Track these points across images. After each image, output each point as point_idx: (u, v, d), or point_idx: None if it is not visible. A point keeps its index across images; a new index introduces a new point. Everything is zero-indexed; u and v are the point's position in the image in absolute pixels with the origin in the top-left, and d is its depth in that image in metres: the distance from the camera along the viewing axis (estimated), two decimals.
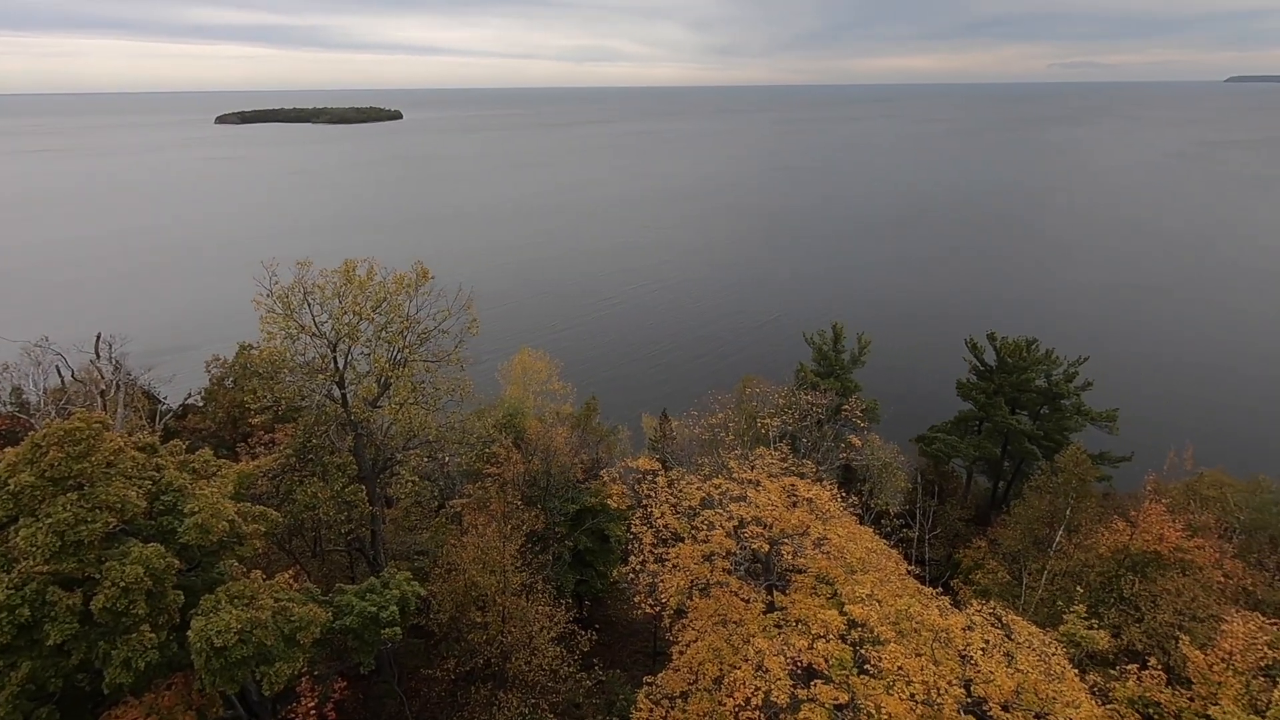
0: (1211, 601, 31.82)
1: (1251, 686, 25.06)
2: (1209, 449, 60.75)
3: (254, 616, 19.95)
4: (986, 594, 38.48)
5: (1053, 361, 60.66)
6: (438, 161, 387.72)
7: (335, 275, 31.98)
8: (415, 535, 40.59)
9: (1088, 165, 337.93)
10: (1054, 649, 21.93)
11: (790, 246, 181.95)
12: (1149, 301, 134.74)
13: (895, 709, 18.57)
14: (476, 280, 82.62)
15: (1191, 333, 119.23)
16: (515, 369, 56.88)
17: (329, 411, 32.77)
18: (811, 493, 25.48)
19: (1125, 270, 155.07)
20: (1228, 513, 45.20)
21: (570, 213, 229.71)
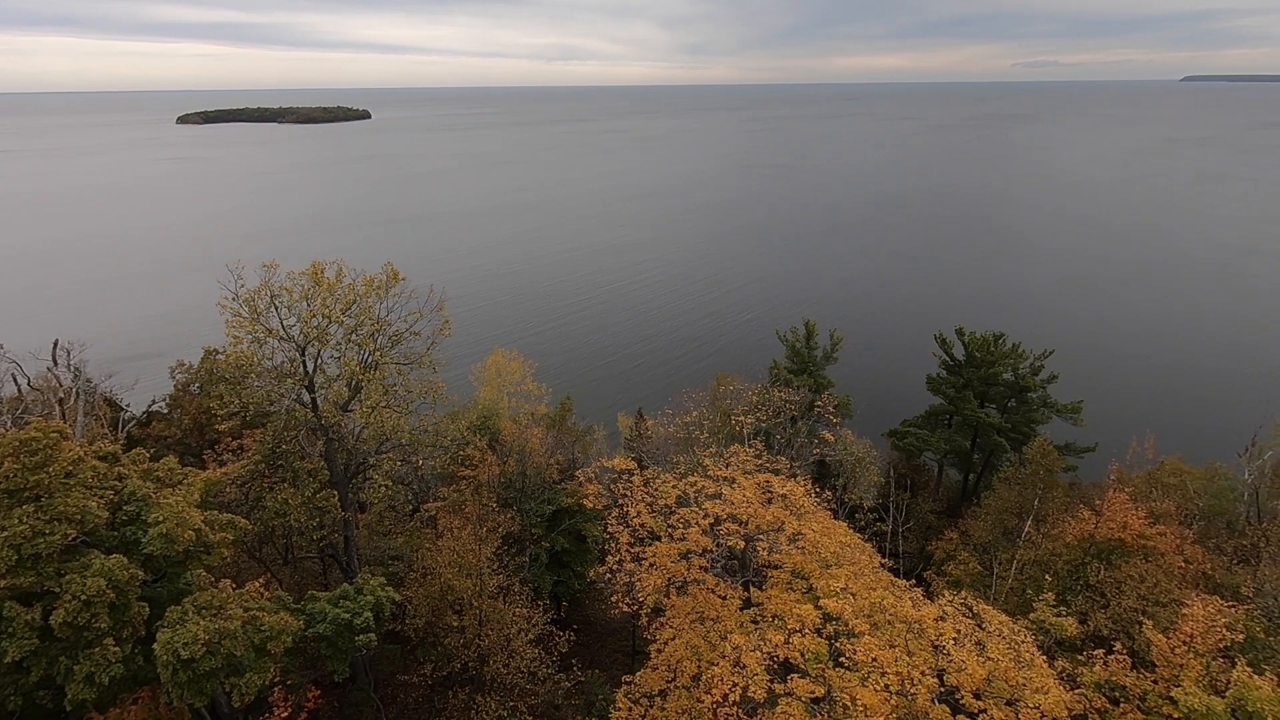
0: (1173, 586, 32.70)
1: (1211, 668, 25.84)
2: (1168, 438, 62.47)
3: (223, 627, 19.53)
4: (958, 585, 39.14)
5: (1019, 355, 61.88)
6: (407, 161, 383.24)
7: (303, 277, 31.40)
8: (389, 540, 40.10)
9: (1050, 162, 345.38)
10: (1023, 637, 22.38)
11: (763, 244, 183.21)
12: (1110, 295, 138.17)
13: (870, 700, 18.81)
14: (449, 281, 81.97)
15: (1150, 325, 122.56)
16: (489, 370, 56.46)
17: (299, 416, 32.21)
18: (786, 489, 25.68)
19: (1087, 264, 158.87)
20: (1187, 500, 46.52)
21: (543, 212, 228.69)
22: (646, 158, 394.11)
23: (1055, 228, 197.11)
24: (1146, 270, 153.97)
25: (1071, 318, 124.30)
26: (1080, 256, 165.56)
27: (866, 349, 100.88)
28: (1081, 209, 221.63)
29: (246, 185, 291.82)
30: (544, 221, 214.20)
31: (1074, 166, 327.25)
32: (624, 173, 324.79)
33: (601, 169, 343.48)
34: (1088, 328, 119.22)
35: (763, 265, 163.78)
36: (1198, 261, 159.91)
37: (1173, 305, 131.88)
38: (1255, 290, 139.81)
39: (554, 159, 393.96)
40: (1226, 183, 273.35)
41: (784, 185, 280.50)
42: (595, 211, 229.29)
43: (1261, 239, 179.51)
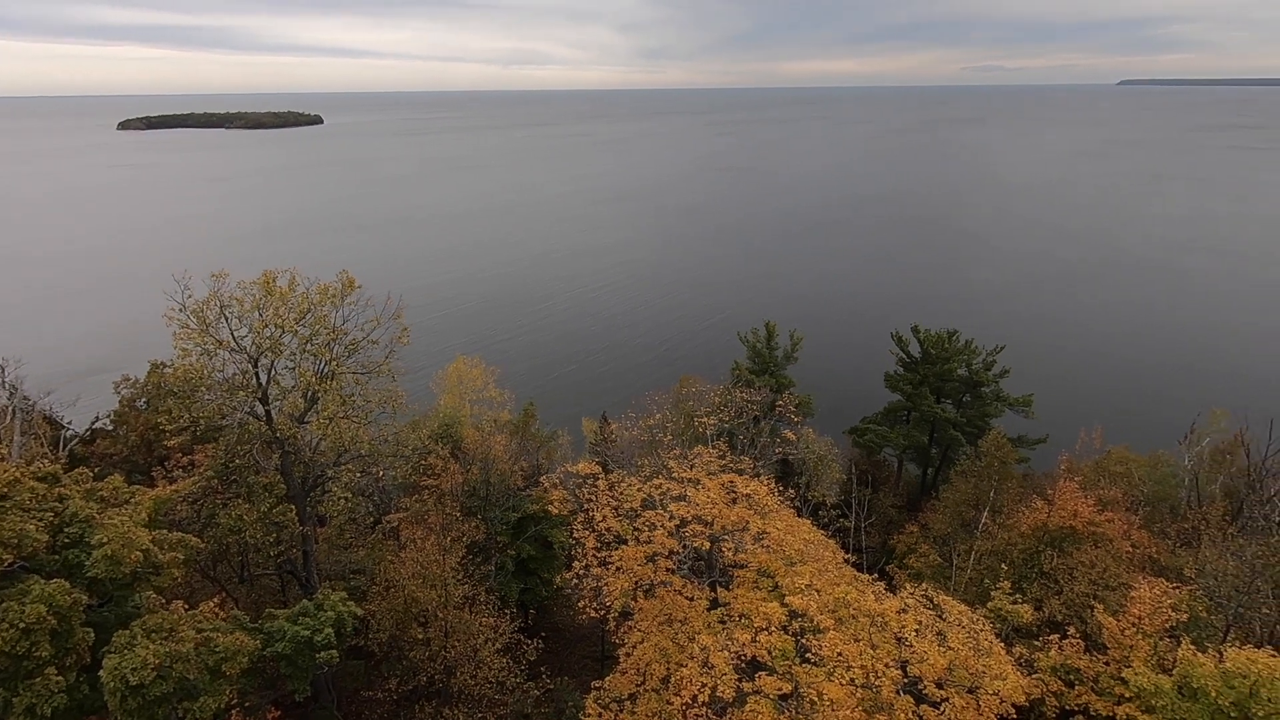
0: (1121, 570, 33.90)
1: (1159, 648, 26.90)
2: (1114, 428, 64.70)
3: (174, 650, 18.82)
4: (919, 577, 39.96)
5: (972, 351, 63.58)
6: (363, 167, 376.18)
7: (254, 287, 30.57)
8: (350, 554, 39.23)
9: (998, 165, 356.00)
10: (982, 625, 22.99)
11: (724, 247, 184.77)
12: (1057, 292, 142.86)
13: (836, 694, 19.09)
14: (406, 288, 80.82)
15: (1095, 320, 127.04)
16: (450, 378, 55.76)
17: (252, 430, 31.33)
18: (750, 488, 25.92)
19: (1035, 263, 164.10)
20: (1133, 487, 48.32)
21: (504, 218, 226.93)
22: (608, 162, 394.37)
23: (1004, 227, 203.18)
24: (1091, 268, 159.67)
25: (1021, 314, 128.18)
26: (1028, 255, 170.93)
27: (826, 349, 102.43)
28: (1028, 209, 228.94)
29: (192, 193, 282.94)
30: (505, 227, 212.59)
31: (1020, 168, 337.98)
32: (586, 177, 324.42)
33: (563, 173, 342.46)
34: (1036, 324, 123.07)
35: (724, 268, 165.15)
36: (1138, 259, 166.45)
37: (1116, 301, 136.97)
38: (1192, 286, 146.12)
39: (515, 164, 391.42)
40: (1163, 182, 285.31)
41: (744, 189, 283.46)
42: (557, 216, 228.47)
43: (1195, 237, 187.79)
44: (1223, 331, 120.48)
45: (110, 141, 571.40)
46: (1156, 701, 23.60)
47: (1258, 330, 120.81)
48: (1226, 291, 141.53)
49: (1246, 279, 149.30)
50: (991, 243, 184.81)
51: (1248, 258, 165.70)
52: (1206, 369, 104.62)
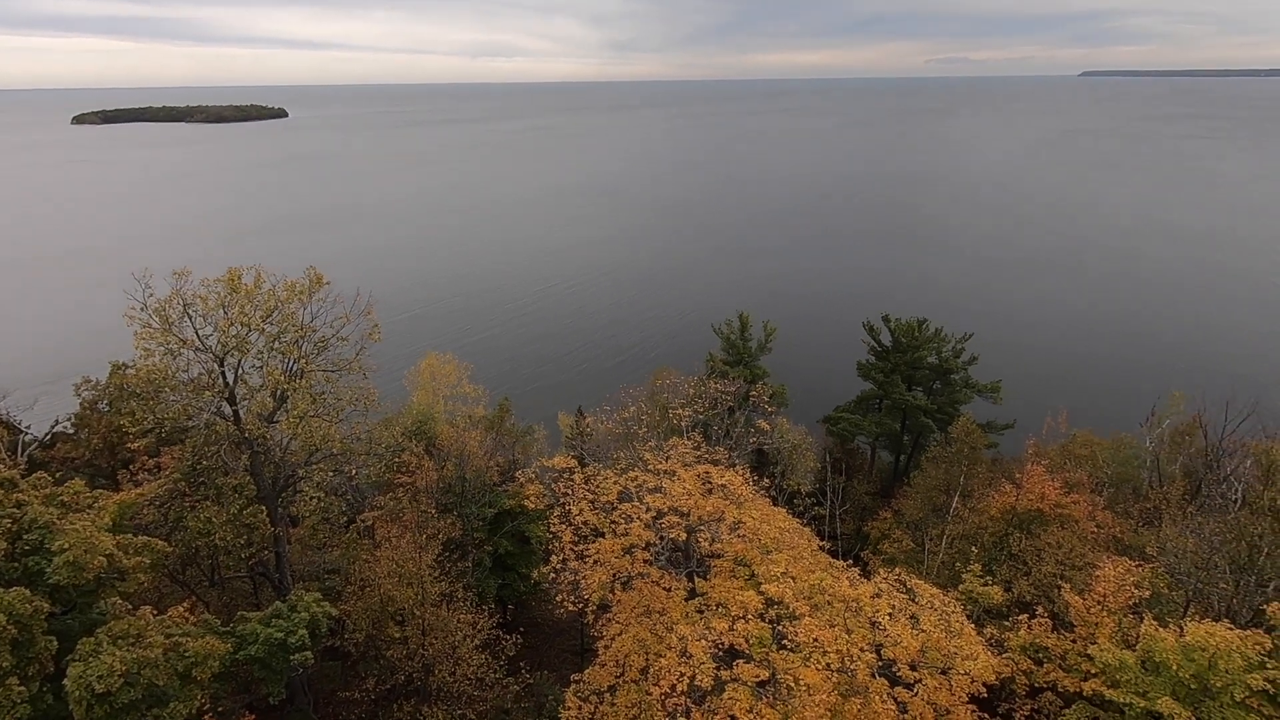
0: (1087, 550, 34.79)
1: (1123, 624, 27.70)
2: (1079, 412, 66.32)
3: (142, 656, 18.42)
4: (893, 562, 40.61)
5: (942, 339, 64.64)
6: (329, 161, 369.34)
7: (218, 284, 29.93)
8: (324, 554, 38.74)
9: (964, 155, 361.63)
10: (953, 608, 23.43)
11: (696, 240, 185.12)
12: (1022, 279, 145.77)
13: (813, 679, 19.34)
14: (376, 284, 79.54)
15: (1059, 307, 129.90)
16: (423, 374, 55.18)
17: (220, 430, 30.72)
18: (725, 479, 26.07)
19: (1001, 251, 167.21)
20: (1097, 469, 49.60)
21: (474, 211, 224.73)
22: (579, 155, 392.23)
23: (971, 217, 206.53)
24: (1054, 256, 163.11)
25: (988, 302, 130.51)
26: (994, 244, 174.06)
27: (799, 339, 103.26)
28: (994, 199, 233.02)
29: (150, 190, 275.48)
30: (477, 221, 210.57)
31: (986, 158, 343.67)
32: (557, 170, 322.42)
33: (534, 167, 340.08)
34: (1003, 311, 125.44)
35: (697, 260, 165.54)
36: (1098, 246, 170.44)
37: (1078, 288, 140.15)
38: (1151, 272, 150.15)
39: (485, 157, 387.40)
40: (1121, 171, 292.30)
41: (715, 181, 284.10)
42: (529, 210, 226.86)
43: (1153, 224, 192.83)
44: (1180, 316, 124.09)
45: (64, 138, 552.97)
46: (1121, 676, 24.32)
47: (1213, 314, 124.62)
48: (1182, 277, 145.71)
49: (1200, 264, 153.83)
50: (959, 232, 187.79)
51: (1200, 244, 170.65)
52: (1165, 353, 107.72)
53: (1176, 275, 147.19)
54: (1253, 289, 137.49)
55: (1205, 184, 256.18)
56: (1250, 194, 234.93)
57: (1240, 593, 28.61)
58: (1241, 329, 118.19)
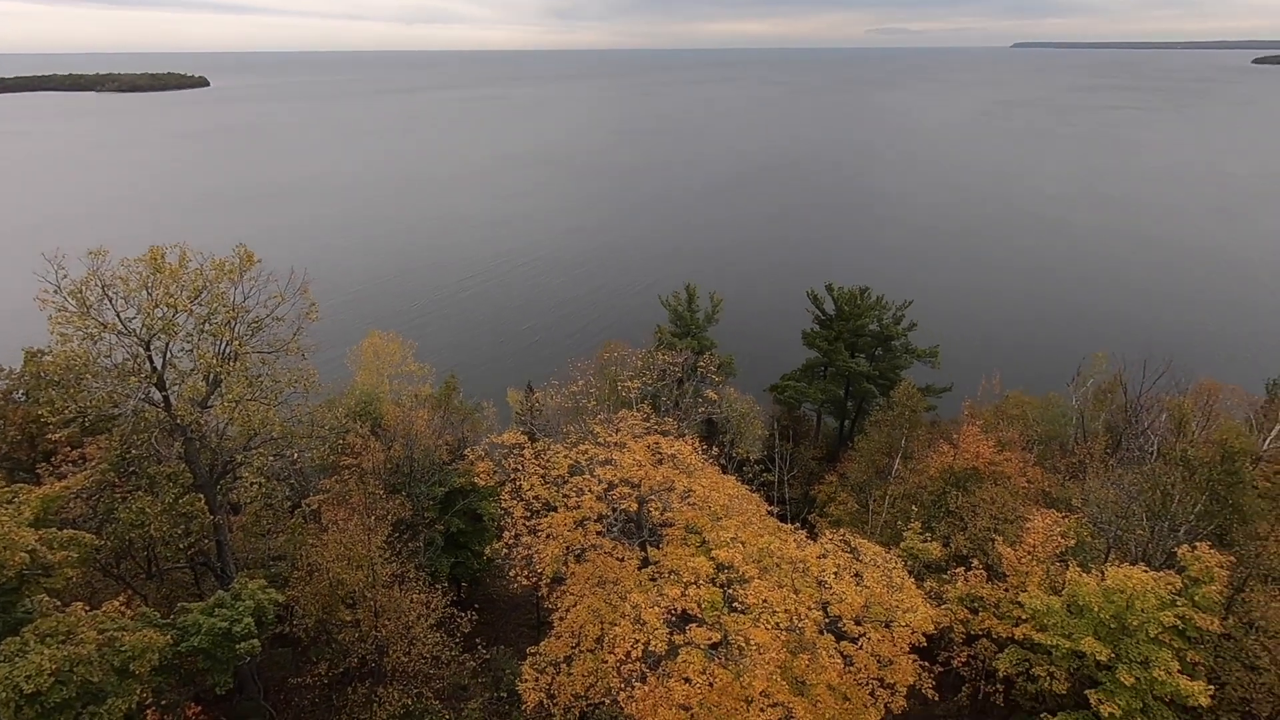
0: (1018, 505, 36.67)
1: (1050, 572, 29.40)
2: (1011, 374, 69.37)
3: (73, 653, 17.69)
4: (838, 523, 42.02)
5: (883, 307, 66.33)
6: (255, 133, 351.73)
7: (140, 264, 28.33)
8: (269, 540, 37.66)
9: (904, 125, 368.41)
10: (895, 564, 24.44)
11: (642, 211, 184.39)
12: (958, 247, 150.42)
13: (763, 639, 19.96)
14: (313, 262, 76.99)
15: (992, 273, 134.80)
16: (365, 353, 53.84)
17: (149, 417, 29.32)
18: (674, 449, 26.38)
19: (937, 219, 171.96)
20: (1028, 427, 52.10)
21: (413, 185, 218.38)
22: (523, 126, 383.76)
23: (910, 187, 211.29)
24: (988, 224, 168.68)
25: (926, 270, 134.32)
26: (932, 213, 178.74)
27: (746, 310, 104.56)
28: (932, 169, 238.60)
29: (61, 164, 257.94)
30: (417, 195, 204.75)
31: (925, 128, 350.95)
32: (500, 141, 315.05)
33: (476, 138, 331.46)
34: (940, 278, 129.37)
35: (643, 232, 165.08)
36: (1028, 213, 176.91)
37: (1009, 254, 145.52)
38: (1077, 238, 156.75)
39: (423, 129, 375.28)
40: (1051, 140, 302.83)
41: (660, 152, 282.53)
42: (471, 184, 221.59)
43: (1079, 192, 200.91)
44: (1103, 281, 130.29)
45: None
46: (1049, 620, 25.89)
47: (1133, 278, 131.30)
48: (1105, 243, 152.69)
49: (1122, 231, 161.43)
50: (898, 202, 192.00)
51: (1122, 211, 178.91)
52: (1091, 316, 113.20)
53: (1100, 241, 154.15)
54: (1168, 254, 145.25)
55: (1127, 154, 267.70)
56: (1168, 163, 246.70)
57: (1155, 538, 30.64)
58: (1157, 291, 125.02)
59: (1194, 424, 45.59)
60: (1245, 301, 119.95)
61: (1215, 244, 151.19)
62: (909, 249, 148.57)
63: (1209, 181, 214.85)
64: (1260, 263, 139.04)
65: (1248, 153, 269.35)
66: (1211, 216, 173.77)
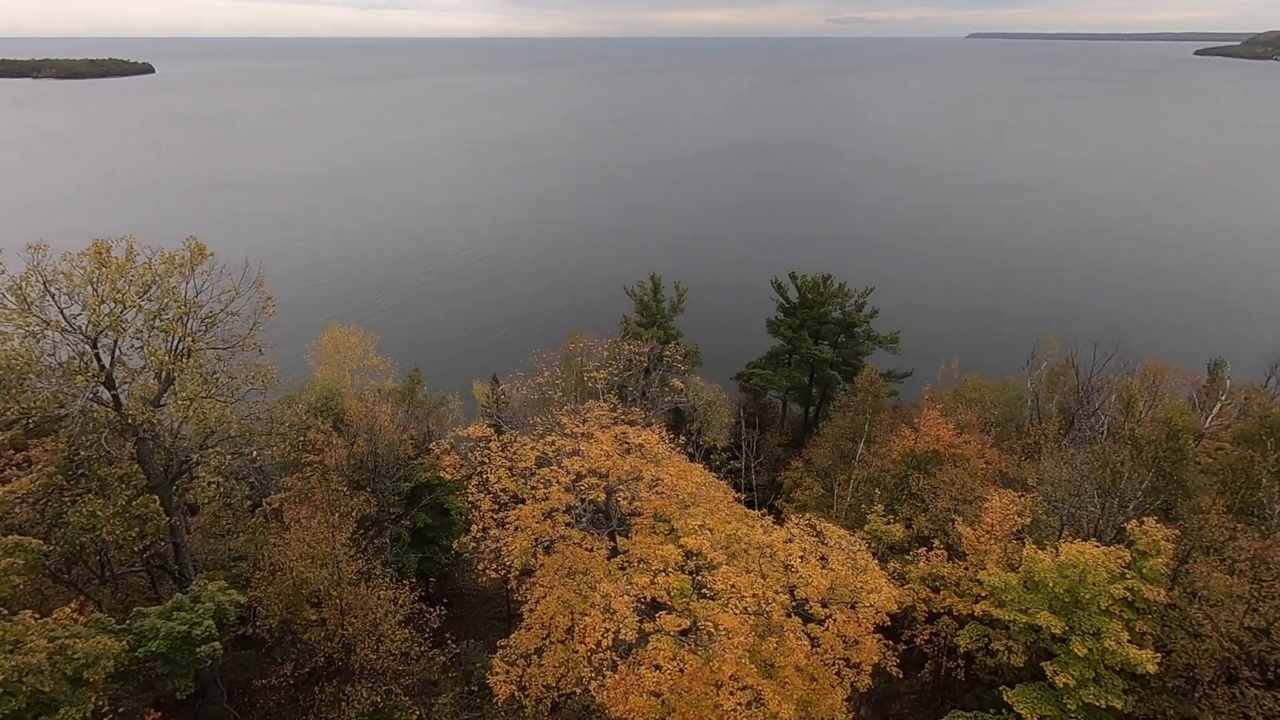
0: (977, 485, 37.68)
1: (1008, 550, 30.31)
2: (970, 358, 70.98)
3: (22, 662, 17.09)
4: (804, 508, 42.64)
5: (845, 294, 67.29)
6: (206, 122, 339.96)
7: (85, 259, 27.29)
8: (229, 540, 36.81)
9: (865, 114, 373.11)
10: (859, 547, 24.94)
11: (606, 202, 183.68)
12: (916, 234, 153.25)
13: (731, 623, 20.21)
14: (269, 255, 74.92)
15: (949, 259, 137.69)
16: (325, 348, 52.78)
17: (98, 417, 28.33)
18: (641, 438, 26.46)
19: (896, 207, 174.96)
20: (986, 410, 53.47)
21: (370, 176, 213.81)
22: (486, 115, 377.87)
23: (871, 176, 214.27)
24: (946, 212, 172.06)
25: (886, 257, 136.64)
26: (892, 202, 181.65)
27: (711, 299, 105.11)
28: (891, 158, 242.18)
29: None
30: (375, 185, 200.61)
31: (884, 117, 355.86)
32: (463, 131, 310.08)
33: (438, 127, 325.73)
34: (900, 266, 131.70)
35: (608, 222, 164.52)
36: (984, 201, 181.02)
37: (966, 241, 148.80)
38: (1029, 224, 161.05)
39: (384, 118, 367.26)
40: (1004, 130, 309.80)
41: (624, 142, 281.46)
42: (430, 173, 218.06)
43: (1034, 179, 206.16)
44: (1056, 266, 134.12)
45: None
46: (1006, 596, 26.72)
47: (1084, 264, 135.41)
48: (1058, 230, 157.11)
49: (1073, 218, 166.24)
50: (860, 191, 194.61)
51: (1073, 198, 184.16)
52: (1045, 300, 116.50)
53: (1053, 228, 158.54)
54: (1117, 240, 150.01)
55: (1077, 143, 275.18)
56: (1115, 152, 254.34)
57: (1105, 514, 31.79)
58: (1107, 276, 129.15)
59: (1141, 404, 47.32)
60: (1188, 285, 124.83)
61: (1159, 230, 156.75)
62: (869, 237, 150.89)
63: (1154, 170, 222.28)
64: (1201, 247, 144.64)
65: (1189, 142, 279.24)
66: (1156, 204, 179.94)
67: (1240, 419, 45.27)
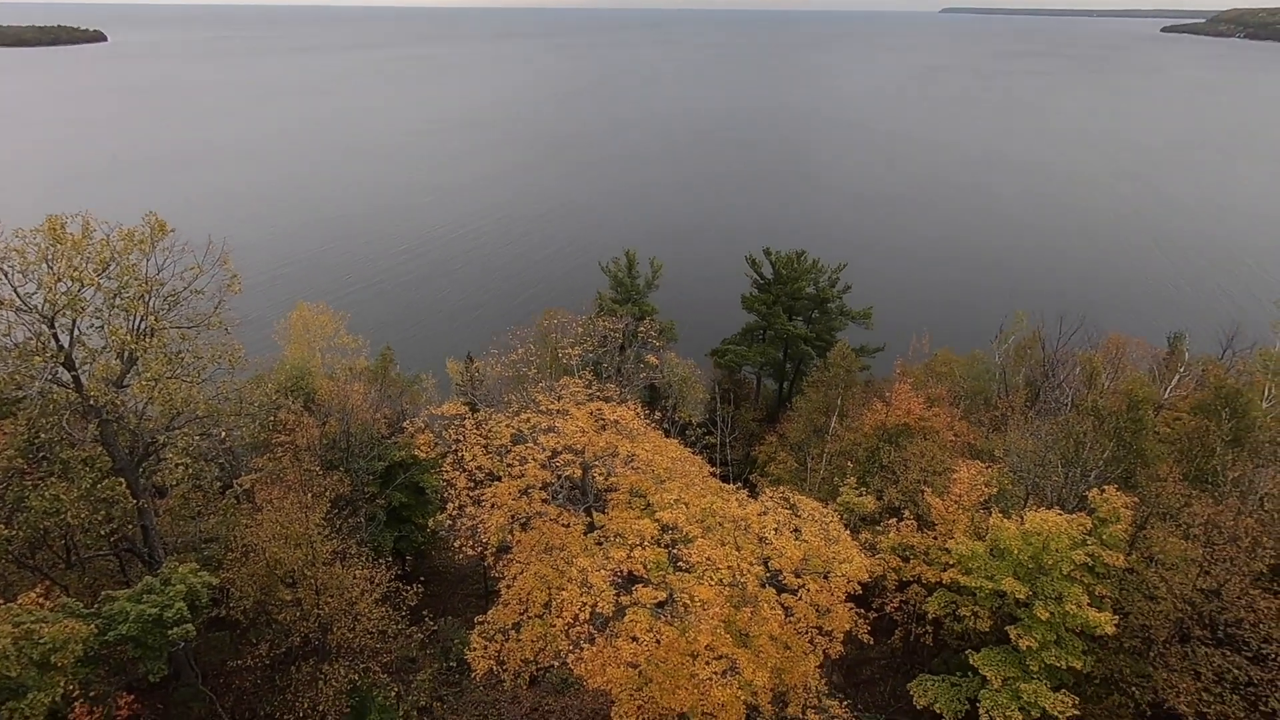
0: (946, 457, 38.52)
1: (975, 519, 31.12)
2: (940, 333, 72.14)
3: None
4: (778, 482, 43.24)
5: (819, 270, 67.74)
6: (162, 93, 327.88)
7: (38, 235, 26.30)
8: (199, 522, 36.26)
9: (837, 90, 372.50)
10: (831, 518, 25.39)
11: (579, 176, 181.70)
12: (888, 210, 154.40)
13: (706, 595, 20.54)
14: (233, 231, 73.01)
15: (919, 235, 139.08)
16: (294, 326, 51.83)
17: (58, 399, 27.55)
18: (617, 414, 26.52)
19: (869, 182, 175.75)
20: (955, 384, 54.52)
21: (340, 150, 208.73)
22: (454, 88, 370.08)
23: (842, 151, 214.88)
24: (918, 187, 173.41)
25: (858, 233, 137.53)
26: (863, 177, 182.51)
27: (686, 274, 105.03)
28: (862, 134, 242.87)
29: None
30: (341, 160, 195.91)
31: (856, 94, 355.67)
32: (431, 104, 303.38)
33: (405, 100, 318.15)
34: (872, 241, 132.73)
35: (581, 197, 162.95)
36: (956, 178, 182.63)
37: (936, 217, 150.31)
38: (999, 201, 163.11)
39: (348, 90, 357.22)
40: (974, 106, 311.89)
41: (597, 116, 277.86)
42: (399, 147, 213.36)
43: (1000, 157, 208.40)
44: (1024, 241, 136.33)
45: None
46: (973, 564, 27.48)
47: (1051, 237, 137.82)
48: (1025, 205, 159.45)
49: (1040, 194, 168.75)
50: (832, 166, 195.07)
51: (1040, 174, 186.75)
52: (1013, 275, 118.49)
53: (1021, 204, 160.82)
54: (1082, 215, 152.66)
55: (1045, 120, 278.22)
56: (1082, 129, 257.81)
57: (1068, 483, 32.74)
58: (1073, 251, 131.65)
59: (1104, 376, 48.60)
60: (1150, 259, 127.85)
61: (1124, 206, 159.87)
62: (842, 212, 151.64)
63: (1119, 146, 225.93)
64: (1163, 223, 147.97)
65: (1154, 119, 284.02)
66: (1120, 180, 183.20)
67: (1197, 390, 46.74)
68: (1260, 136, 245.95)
